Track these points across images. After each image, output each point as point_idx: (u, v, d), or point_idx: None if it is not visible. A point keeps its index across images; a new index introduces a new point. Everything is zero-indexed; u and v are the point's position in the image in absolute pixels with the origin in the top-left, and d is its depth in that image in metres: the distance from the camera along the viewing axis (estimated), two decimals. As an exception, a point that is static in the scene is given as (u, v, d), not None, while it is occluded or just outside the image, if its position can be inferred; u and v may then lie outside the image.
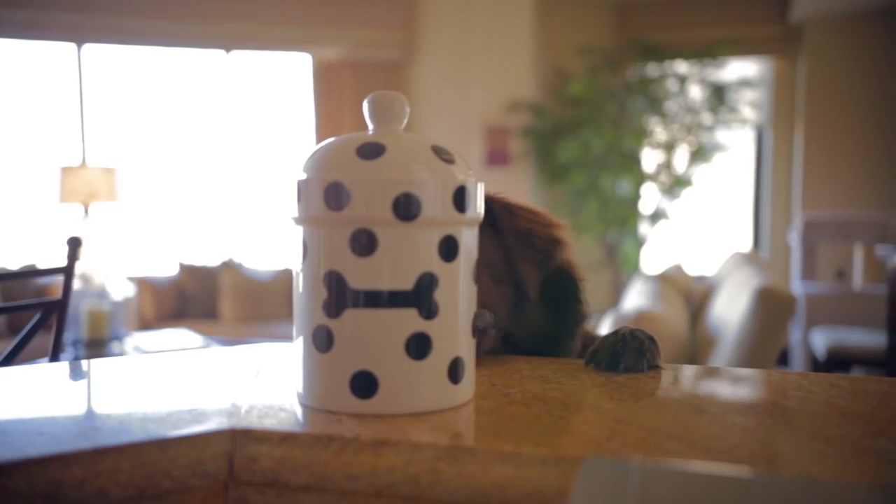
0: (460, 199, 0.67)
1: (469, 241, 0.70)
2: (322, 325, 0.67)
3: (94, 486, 0.56)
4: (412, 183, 0.65)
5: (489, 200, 0.92)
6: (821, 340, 3.79)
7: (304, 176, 0.68)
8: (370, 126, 0.72)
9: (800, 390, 0.75)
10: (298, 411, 0.68)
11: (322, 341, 0.67)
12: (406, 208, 0.64)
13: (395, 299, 0.66)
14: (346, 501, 0.59)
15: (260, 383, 0.78)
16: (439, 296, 0.67)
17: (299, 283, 0.69)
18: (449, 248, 0.67)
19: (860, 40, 5.92)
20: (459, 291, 0.69)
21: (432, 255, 0.66)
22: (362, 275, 0.65)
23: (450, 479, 0.57)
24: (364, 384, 0.66)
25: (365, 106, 0.72)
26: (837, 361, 3.64)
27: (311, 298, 0.68)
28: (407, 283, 0.66)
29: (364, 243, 0.65)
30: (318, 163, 0.68)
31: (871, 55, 5.90)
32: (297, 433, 0.62)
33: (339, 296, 0.66)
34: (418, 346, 0.66)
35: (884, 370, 3.55)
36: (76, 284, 4.87)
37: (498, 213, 0.91)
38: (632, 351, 0.83)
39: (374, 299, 0.65)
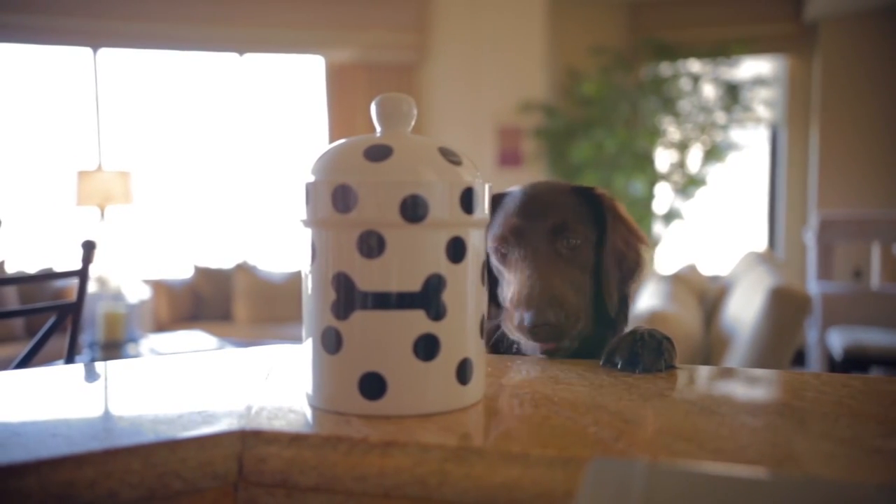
0: (467, 200, 0.67)
1: (477, 241, 0.70)
2: (331, 327, 0.67)
3: (105, 487, 0.57)
4: (419, 185, 0.65)
5: (610, 204, 0.98)
6: (838, 340, 3.76)
7: (311, 178, 0.68)
8: (378, 128, 0.72)
9: (811, 391, 0.74)
10: (308, 412, 0.68)
11: (331, 343, 0.67)
12: (413, 210, 0.65)
13: (403, 301, 0.66)
14: (355, 502, 0.59)
15: (270, 385, 0.78)
16: (447, 297, 0.67)
17: (308, 285, 0.69)
18: (456, 250, 0.68)
19: (875, 38, 5.86)
20: (467, 292, 0.69)
21: (440, 256, 0.67)
22: (370, 276, 0.66)
23: (457, 479, 0.57)
24: (372, 385, 0.66)
25: (372, 108, 0.72)
26: (855, 361, 3.60)
27: (320, 300, 0.68)
28: (415, 285, 0.66)
29: (372, 245, 0.65)
30: (326, 165, 0.69)
31: (886, 53, 5.84)
32: (306, 434, 0.62)
33: (347, 297, 0.66)
34: (426, 348, 0.66)
35: (902, 370, 3.52)
36: (92, 287, 4.92)
37: (609, 223, 0.97)
38: (651, 351, 0.83)
39: (383, 301, 0.66)
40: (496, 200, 1.00)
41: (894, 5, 5.67)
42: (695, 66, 5.90)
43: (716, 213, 6.43)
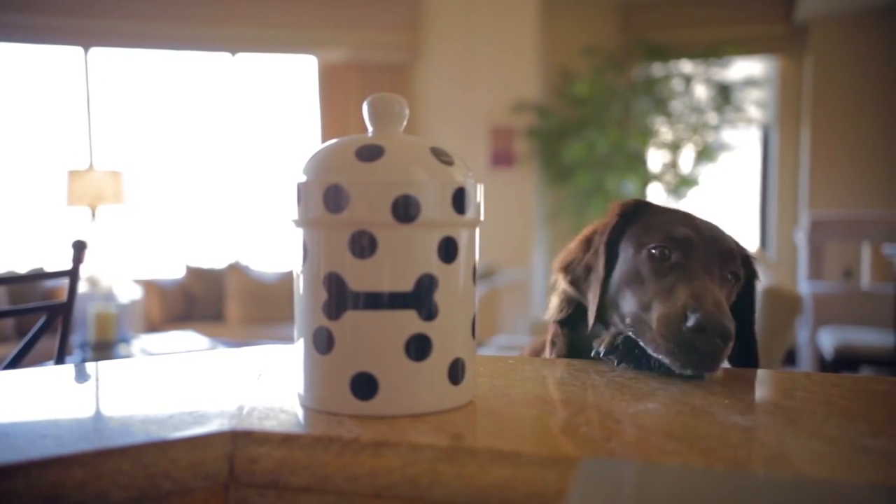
0: (459, 200, 0.67)
1: (468, 242, 0.70)
2: (322, 327, 0.67)
3: (95, 488, 0.56)
4: (411, 185, 0.65)
5: (756, 270, 0.96)
6: (828, 340, 3.78)
7: (303, 178, 0.68)
8: (369, 128, 0.72)
9: (801, 390, 0.75)
10: (299, 413, 0.68)
11: (322, 343, 0.67)
12: (405, 210, 0.65)
13: (395, 301, 0.66)
14: (346, 502, 0.59)
15: (261, 385, 0.78)
16: (439, 297, 0.67)
17: (300, 286, 0.69)
18: (448, 250, 0.68)
19: (866, 39, 5.90)
20: (459, 292, 0.69)
21: (432, 256, 0.67)
22: (362, 276, 0.66)
23: (449, 479, 0.57)
24: (364, 385, 0.66)
25: (364, 108, 0.72)
26: (845, 361, 3.62)
27: (312, 300, 0.68)
28: (406, 285, 0.66)
29: (364, 245, 0.65)
30: (318, 165, 0.68)
31: (876, 53, 5.88)
32: (297, 434, 0.62)
33: (339, 297, 0.66)
34: (418, 348, 0.66)
35: (892, 370, 3.54)
36: (83, 287, 4.90)
37: (754, 288, 0.96)
38: (631, 350, 0.84)
39: (374, 301, 0.66)
40: (640, 207, 0.95)
41: (885, 6, 5.71)
42: (687, 66, 5.92)
43: (708, 213, 6.44)
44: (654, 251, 0.86)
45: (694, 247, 0.86)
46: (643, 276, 0.86)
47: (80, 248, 1.39)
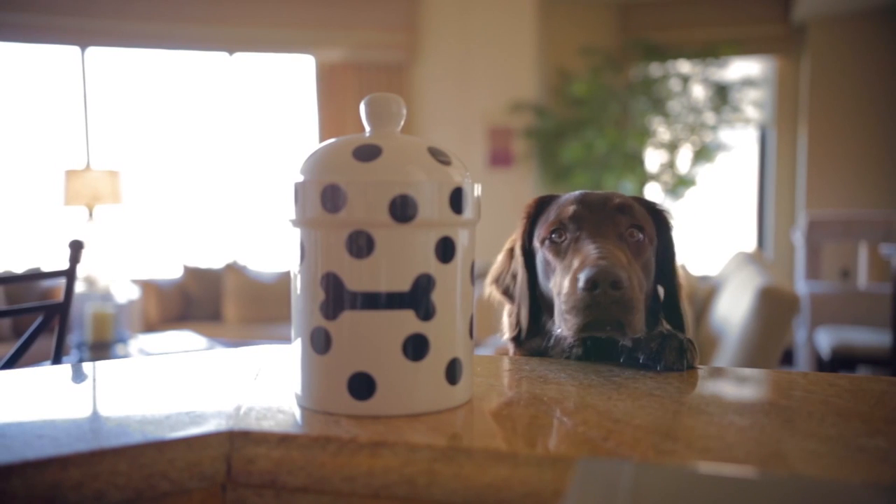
0: (457, 200, 0.67)
1: (466, 241, 0.70)
2: (320, 327, 0.67)
3: (92, 489, 0.56)
4: (408, 184, 0.65)
5: (672, 224, 0.97)
6: (825, 340, 3.78)
7: (300, 178, 0.68)
8: (367, 128, 0.72)
9: (798, 390, 0.75)
10: (296, 413, 0.68)
11: (320, 343, 0.67)
12: (402, 210, 0.65)
13: (393, 301, 0.66)
14: (344, 502, 0.59)
15: (259, 385, 0.78)
16: (436, 297, 0.67)
17: (297, 285, 0.69)
18: (446, 250, 0.68)
19: (863, 39, 5.91)
20: (457, 292, 0.69)
21: (429, 256, 0.67)
22: (359, 276, 0.66)
23: (446, 479, 0.57)
24: (362, 385, 0.66)
25: (362, 108, 0.72)
26: (842, 361, 3.63)
27: (309, 300, 0.68)
28: (404, 285, 0.66)
29: (361, 245, 0.65)
30: (315, 165, 0.68)
31: (874, 54, 5.89)
32: (294, 435, 0.62)
33: (336, 297, 0.66)
34: (416, 348, 0.66)
35: (889, 369, 3.54)
36: (81, 287, 4.89)
37: (673, 239, 0.97)
38: (673, 350, 0.84)
39: (372, 301, 0.66)
40: (544, 202, 0.97)
41: (882, 7, 5.72)
42: (684, 66, 5.92)
43: (705, 213, 6.46)
44: (552, 236, 0.90)
45: (584, 219, 0.89)
46: (552, 264, 0.90)
47: (76, 247, 1.39)
